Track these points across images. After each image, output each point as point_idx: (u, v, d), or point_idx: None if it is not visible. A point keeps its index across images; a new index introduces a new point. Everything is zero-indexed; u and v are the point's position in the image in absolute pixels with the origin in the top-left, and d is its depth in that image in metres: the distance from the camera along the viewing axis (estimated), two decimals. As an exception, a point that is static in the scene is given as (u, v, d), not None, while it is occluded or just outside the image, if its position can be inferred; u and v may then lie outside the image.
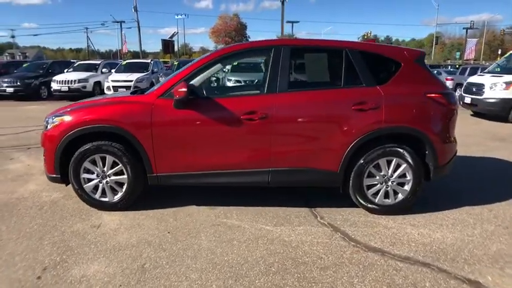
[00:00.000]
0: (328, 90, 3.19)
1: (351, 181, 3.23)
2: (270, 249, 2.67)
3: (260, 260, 2.52)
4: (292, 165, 3.17)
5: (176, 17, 47.23)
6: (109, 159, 3.22)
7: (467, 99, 9.95)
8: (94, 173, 3.27)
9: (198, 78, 3.29)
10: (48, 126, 3.30)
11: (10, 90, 12.81)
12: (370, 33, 50.94)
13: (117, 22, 42.21)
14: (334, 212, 3.35)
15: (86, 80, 13.68)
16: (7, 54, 48.19)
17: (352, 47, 3.22)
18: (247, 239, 2.83)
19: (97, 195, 3.32)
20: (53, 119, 3.29)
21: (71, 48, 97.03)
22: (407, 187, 3.24)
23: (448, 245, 2.76)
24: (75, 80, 13.36)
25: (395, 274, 2.37)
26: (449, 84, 18.05)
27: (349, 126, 3.09)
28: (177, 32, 43.92)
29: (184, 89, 2.91)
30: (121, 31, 41.55)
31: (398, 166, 3.20)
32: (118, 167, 3.24)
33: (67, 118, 3.22)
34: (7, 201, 3.56)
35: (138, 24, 36.44)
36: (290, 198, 3.65)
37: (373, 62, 3.22)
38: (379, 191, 3.26)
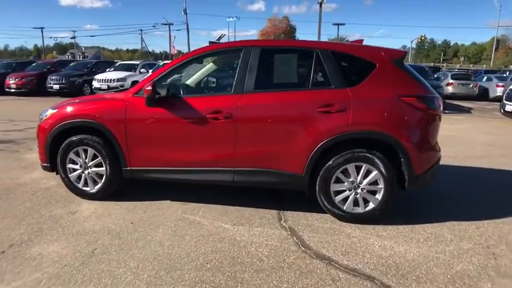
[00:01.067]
0: (294, 92, 3.12)
1: (317, 185, 3.13)
2: (216, 247, 2.70)
3: (201, 256, 2.56)
4: (256, 165, 3.15)
5: (228, 19, 48.75)
6: (90, 151, 3.47)
7: (509, 107, 9.04)
8: (78, 164, 3.54)
9: (172, 77, 3.42)
10: (42, 119, 3.64)
11: (56, 87, 14.18)
12: (425, 37, 47.62)
13: (166, 24, 44.44)
14: (301, 216, 3.27)
15: (124, 79, 14.65)
16: (69, 54, 53.14)
17: (323, 48, 3.13)
18: (200, 235, 2.88)
19: (80, 185, 3.59)
20: (45, 112, 3.63)
21: (127, 49, 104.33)
22: (378, 196, 3.07)
23: (407, 260, 2.57)
24: (114, 79, 14.39)
25: (330, 284, 2.27)
26: (499, 90, 16.48)
27: (313, 129, 3.00)
28: (224, 35, 45.06)
29: (150, 88, 3.05)
30: (169, 33, 43.57)
31: (368, 173, 3.05)
32: (98, 159, 3.47)
33: (56, 112, 3.53)
34: (9, 186, 3.98)
35: (187, 26, 38.26)
36: (265, 199, 3.63)
37: (345, 63, 3.10)
38: (348, 197, 3.12)
